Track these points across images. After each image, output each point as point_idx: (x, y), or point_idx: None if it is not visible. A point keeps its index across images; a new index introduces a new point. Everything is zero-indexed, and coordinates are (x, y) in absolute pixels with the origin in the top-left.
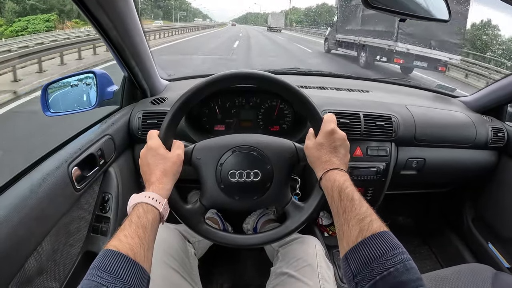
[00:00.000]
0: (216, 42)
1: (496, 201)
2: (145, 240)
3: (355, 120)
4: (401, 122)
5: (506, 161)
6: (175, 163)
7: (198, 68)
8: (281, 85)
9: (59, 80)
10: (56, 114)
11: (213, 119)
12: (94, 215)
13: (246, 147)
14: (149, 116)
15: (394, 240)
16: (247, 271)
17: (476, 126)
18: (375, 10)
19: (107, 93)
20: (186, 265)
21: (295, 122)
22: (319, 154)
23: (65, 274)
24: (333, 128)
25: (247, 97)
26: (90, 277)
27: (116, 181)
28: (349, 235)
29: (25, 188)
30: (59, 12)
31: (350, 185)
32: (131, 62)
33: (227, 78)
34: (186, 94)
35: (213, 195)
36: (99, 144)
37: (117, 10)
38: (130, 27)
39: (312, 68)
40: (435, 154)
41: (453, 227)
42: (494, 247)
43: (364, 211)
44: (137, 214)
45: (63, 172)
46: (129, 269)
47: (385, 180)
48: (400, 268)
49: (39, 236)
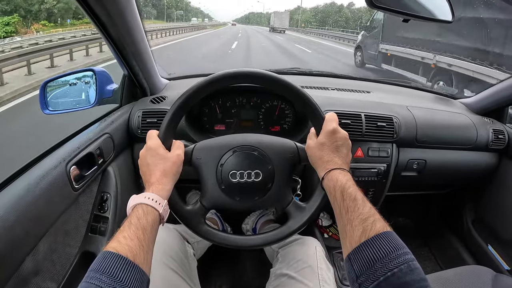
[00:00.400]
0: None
1: (496, 203)
2: (144, 242)
3: (357, 120)
4: (403, 123)
5: (507, 163)
6: (175, 163)
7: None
8: (282, 84)
9: (58, 78)
10: (54, 112)
11: (214, 119)
12: (92, 215)
13: (247, 147)
14: (149, 115)
15: (397, 240)
16: (247, 272)
17: (477, 128)
18: (378, 10)
19: (107, 91)
20: (185, 265)
21: (296, 122)
22: (321, 153)
23: (63, 274)
24: (335, 127)
25: (248, 97)
26: (89, 279)
27: (115, 180)
28: (352, 235)
29: (22, 187)
30: (25, 13)
31: (352, 185)
32: (132, 60)
33: (228, 77)
34: (186, 93)
35: (213, 195)
36: (98, 143)
37: (118, 6)
38: (131, 25)
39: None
40: (436, 156)
41: (453, 229)
42: (494, 249)
43: (367, 211)
44: (136, 215)
45: (61, 171)
46: (128, 272)
47: (386, 182)
48: (404, 268)
49: (36, 236)
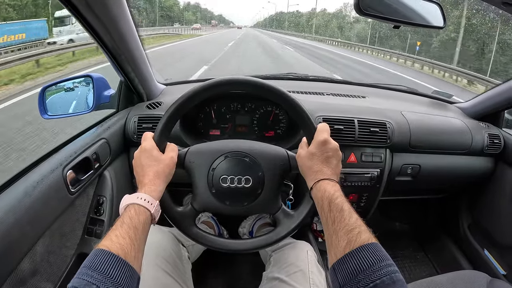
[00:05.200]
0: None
1: (492, 208)
2: (136, 240)
3: (350, 126)
4: (396, 129)
5: (502, 167)
6: (168, 165)
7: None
8: (275, 93)
9: (57, 83)
10: (53, 117)
11: (209, 124)
12: (88, 218)
13: (239, 153)
14: (145, 120)
15: (382, 252)
16: (241, 275)
17: (472, 132)
18: (368, 17)
19: (104, 96)
20: (179, 268)
21: (289, 127)
22: (310, 163)
23: (59, 275)
24: (326, 138)
25: (243, 103)
26: (81, 275)
27: (111, 184)
28: (337, 246)
29: (20, 191)
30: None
31: (340, 196)
32: (127, 67)
33: (222, 84)
34: (181, 99)
35: (204, 199)
36: (95, 148)
37: (110, 14)
38: (124, 32)
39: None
40: (430, 161)
41: (449, 233)
42: (490, 253)
43: (353, 222)
44: (129, 215)
45: (58, 175)
46: (119, 269)
47: (380, 187)
48: (386, 280)
49: (33, 238)
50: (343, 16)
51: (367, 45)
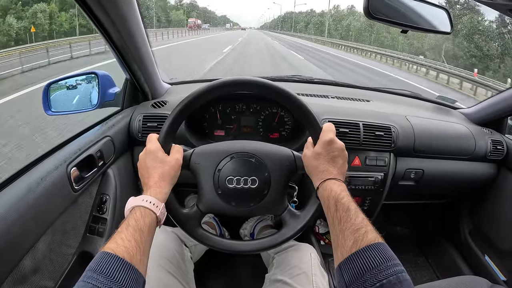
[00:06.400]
0: None
1: (493, 214)
2: (141, 243)
3: (355, 129)
4: (401, 133)
5: (505, 173)
6: (174, 167)
7: None
8: (281, 94)
9: (61, 80)
10: (57, 114)
11: (214, 124)
12: (91, 216)
13: (245, 153)
14: (150, 119)
15: (388, 251)
16: (243, 277)
17: (475, 138)
18: (377, 21)
19: (109, 94)
20: (181, 268)
21: (294, 129)
22: (317, 163)
23: (60, 273)
24: (331, 138)
25: (248, 103)
26: (86, 279)
27: (114, 182)
28: (344, 245)
29: (23, 187)
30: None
31: (346, 196)
32: (134, 65)
33: (228, 84)
34: (186, 99)
35: (210, 200)
36: (99, 145)
37: (120, 12)
38: (133, 30)
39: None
40: (433, 166)
41: (450, 238)
42: (491, 259)
43: (360, 221)
44: (134, 217)
45: (62, 172)
46: (124, 272)
47: (383, 190)
48: (392, 280)
49: (35, 235)
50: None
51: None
